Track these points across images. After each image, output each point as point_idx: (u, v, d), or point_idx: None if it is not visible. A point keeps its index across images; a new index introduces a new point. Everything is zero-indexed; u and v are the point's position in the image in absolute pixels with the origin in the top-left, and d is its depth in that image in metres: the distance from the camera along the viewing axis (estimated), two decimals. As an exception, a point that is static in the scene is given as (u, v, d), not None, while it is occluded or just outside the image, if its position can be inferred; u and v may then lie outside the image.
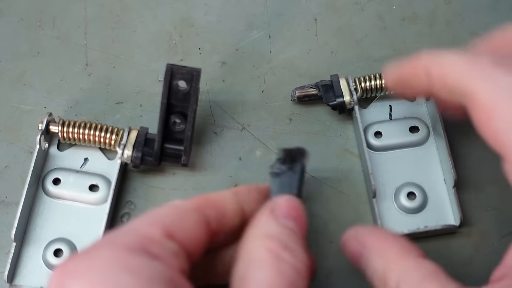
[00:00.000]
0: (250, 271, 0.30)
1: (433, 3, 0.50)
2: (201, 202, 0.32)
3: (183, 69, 0.39)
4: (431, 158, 0.43)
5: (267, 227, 0.32)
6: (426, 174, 0.42)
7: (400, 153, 0.43)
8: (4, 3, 0.50)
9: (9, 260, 0.39)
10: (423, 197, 0.41)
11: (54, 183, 0.42)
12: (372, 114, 0.45)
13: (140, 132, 0.42)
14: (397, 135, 0.43)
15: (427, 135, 0.43)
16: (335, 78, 0.44)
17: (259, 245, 0.31)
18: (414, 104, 0.45)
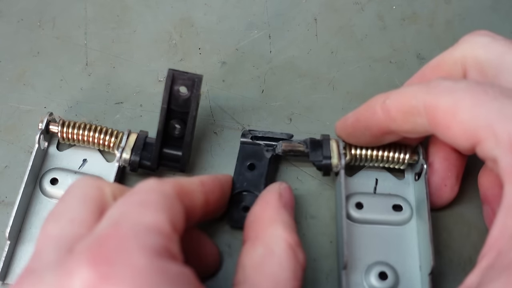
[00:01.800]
0: (267, 262, 0.31)
1: (433, 3, 0.50)
2: (179, 190, 0.32)
3: (185, 75, 0.39)
4: (410, 241, 0.40)
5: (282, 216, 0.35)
6: (402, 256, 0.40)
7: (378, 229, 0.41)
8: (4, 3, 0.50)
9: (3, 259, 0.39)
10: (394, 280, 0.39)
11: (51, 183, 0.42)
12: (356, 184, 0.42)
13: (139, 135, 0.42)
14: (378, 211, 0.41)
15: (409, 216, 0.41)
16: (326, 138, 0.42)
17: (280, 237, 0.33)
18: (401, 182, 0.42)
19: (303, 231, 0.41)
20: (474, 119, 0.32)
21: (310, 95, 0.47)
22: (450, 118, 0.33)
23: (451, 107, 0.33)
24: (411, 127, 0.35)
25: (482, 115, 0.31)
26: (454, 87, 0.33)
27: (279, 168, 0.44)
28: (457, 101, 0.32)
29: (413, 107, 0.34)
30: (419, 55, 0.48)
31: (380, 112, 0.36)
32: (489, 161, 0.32)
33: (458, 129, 0.32)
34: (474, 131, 0.32)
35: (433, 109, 0.33)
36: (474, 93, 0.32)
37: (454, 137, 0.33)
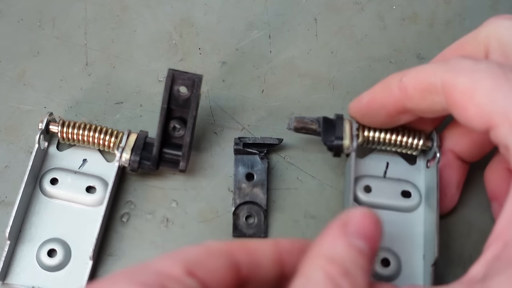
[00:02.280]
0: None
1: (433, 3, 0.50)
2: (235, 246, 0.31)
3: (185, 75, 0.39)
4: (416, 229, 0.40)
5: (333, 247, 0.30)
6: (407, 244, 0.39)
7: (385, 214, 0.40)
8: (4, 3, 0.50)
9: (2, 258, 0.39)
10: (397, 266, 0.38)
11: (51, 183, 0.42)
12: (366, 166, 0.42)
13: (139, 135, 0.42)
14: (387, 196, 0.40)
15: (417, 204, 0.40)
16: (340, 118, 0.41)
17: (319, 266, 0.29)
18: (413, 168, 0.42)
19: (303, 230, 0.42)
20: (491, 104, 0.31)
21: (310, 95, 0.47)
22: (467, 99, 0.32)
23: (469, 88, 0.32)
24: (428, 105, 0.35)
25: (499, 100, 0.31)
26: (474, 67, 0.32)
27: (279, 168, 0.44)
28: (475, 82, 0.32)
29: (431, 84, 0.34)
30: (419, 55, 0.48)
31: (397, 90, 0.36)
32: (501, 147, 0.32)
33: (474, 111, 0.32)
34: (490, 115, 0.31)
35: (451, 88, 0.33)
36: (494, 76, 0.32)
37: (470, 119, 0.33)
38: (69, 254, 0.41)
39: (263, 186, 0.42)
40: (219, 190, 0.43)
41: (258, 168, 0.43)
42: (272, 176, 0.44)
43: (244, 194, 0.42)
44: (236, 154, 0.43)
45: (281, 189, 0.43)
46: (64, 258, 0.41)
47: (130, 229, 0.42)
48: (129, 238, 0.42)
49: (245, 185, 0.43)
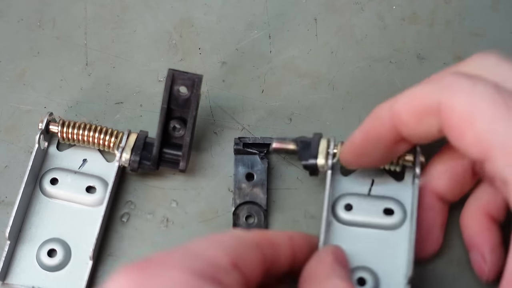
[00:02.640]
0: None
1: (433, 3, 0.50)
2: (261, 239, 0.31)
3: (185, 75, 0.39)
4: (399, 247, 0.38)
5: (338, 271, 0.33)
6: (386, 262, 0.38)
7: (366, 232, 0.39)
8: (4, 3, 0.50)
9: (2, 258, 0.40)
10: (373, 285, 0.37)
11: (51, 183, 0.42)
12: (350, 184, 0.41)
13: (139, 135, 0.42)
14: (368, 213, 0.39)
15: (401, 221, 0.39)
16: (317, 137, 0.41)
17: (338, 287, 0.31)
18: (400, 184, 0.41)
19: (303, 230, 0.41)
20: (491, 134, 0.30)
21: (310, 95, 0.47)
22: (466, 125, 0.31)
23: (467, 114, 0.31)
24: (425, 129, 0.34)
25: (500, 131, 0.30)
26: (472, 90, 0.31)
27: (279, 168, 0.44)
28: (474, 107, 0.31)
29: (427, 106, 0.33)
30: (419, 55, 0.48)
31: (388, 120, 0.35)
32: (498, 181, 0.31)
33: (472, 138, 0.31)
34: (489, 145, 0.30)
35: (449, 110, 0.32)
36: (493, 103, 0.31)
37: (467, 146, 0.32)
38: (69, 254, 0.41)
39: (263, 186, 0.42)
40: (219, 190, 0.43)
41: (258, 168, 0.43)
42: (272, 176, 0.44)
43: (244, 194, 0.42)
44: (236, 154, 0.43)
45: (281, 189, 0.43)
46: (64, 258, 0.41)
47: (130, 229, 0.42)
48: (129, 238, 0.42)
49: (245, 185, 0.43)
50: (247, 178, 0.43)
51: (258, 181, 0.43)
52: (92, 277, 0.41)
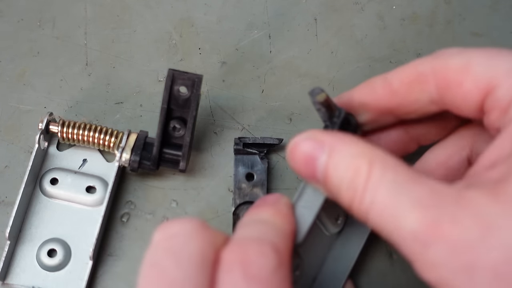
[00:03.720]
0: None
1: (433, 3, 0.50)
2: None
3: (185, 75, 0.39)
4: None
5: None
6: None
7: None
8: (4, 3, 0.50)
9: (2, 258, 0.40)
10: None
11: (51, 183, 0.42)
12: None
13: (139, 135, 0.42)
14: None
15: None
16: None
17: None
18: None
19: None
20: (490, 68, 0.30)
21: (310, 95, 0.47)
22: (462, 73, 0.31)
23: (463, 64, 0.31)
24: (415, 98, 0.34)
25: (499, 63, 0.30)
26: (464, 50, 0.32)
27: (279, 168, 0.44)
28: (469, 58, 0.31)
29: (420, 73, 0.33)
30: (419, 55, 0.48)
31: (381, 89, 0.35)
32: (496, 111, 0.31)
33: (470, 82, 0.31)
34: (489, 80, 0.30)
35: (443, 70, 0.32)
36: (487, 51, 0.31)
37: (465, 94, 0.32)
38: (69, 254, 0.41)
39: (263, 186, 0.42)
40: (219, 190, 0.43)
41: (258, 168, 0.43)
42: (272, 176, 0.44)
43: (244, 194, 0.42)
44: (236, 154, 0.43)
45: (281, 189, 0.43)
46: (64, 258, 0.41)
47: (130, 229, 0.42)
48: (129, 238, 0.42)
49: (245, 185, 0.43)
50: (247, 178, 0.43)
51: (258, 181, 0.43)
52: (92, 277, 0.41)
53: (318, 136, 0.32)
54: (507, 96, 0.30)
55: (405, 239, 0.27)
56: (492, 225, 0.25)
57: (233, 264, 0.27)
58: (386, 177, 0.28)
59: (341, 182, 0.30)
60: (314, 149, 0.31)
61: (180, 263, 0.27)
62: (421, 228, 0.27)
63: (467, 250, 0.26)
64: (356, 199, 0.29)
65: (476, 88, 0.31)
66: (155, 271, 0.28)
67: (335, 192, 0.30)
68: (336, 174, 0.30)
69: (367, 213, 0.29)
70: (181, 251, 0.28)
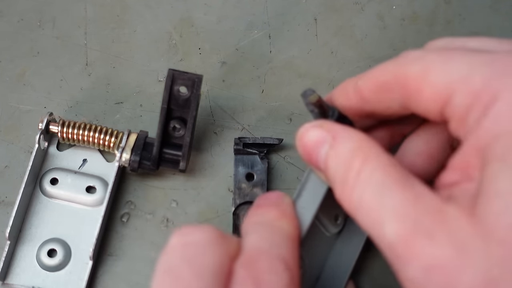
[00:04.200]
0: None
1: (433, 3, 0.50)
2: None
3: (185, 75, 0.39)
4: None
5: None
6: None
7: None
8: (4, 3, 0.50)
9: (2, 258, 0.40)
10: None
11: (51, 183, 0.42)
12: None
13: (139, 135, 0.42)
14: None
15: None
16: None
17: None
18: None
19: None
20: (446, 76, 0.30)
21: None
22: (421, 81, 0.31)
23: (421, 71, 0.31)
24: (386, 105, 0.34)
25: (453, 68, 0.30)
26: (423, 54, 0.32)
27: (279, 168, 0.44)
28: (427, 64, 0.31)
29: (384, 82, 0.33)
30: (419, 55, 0.48)
31: (353, 95, 0.35)
32: (454, 121, 0.30)
33: (429, 90, 0.31)
34: (446, 86, 0.30)
35: (404, 78, 0.32)
36: (443, 54, 0.31)
37: (427, 101, 0.31)
38: (69, 254, 0.41)
39: (263, 186, 0.42)
40: (219, 190, 0.43)
41: (258, 168, 0.43)
42: (272, 176, 0.44)
43: (244, 194, 0.42)
44: (236, 154, 0.43)
45: (281, 189, 0.43)
46: (64, 258, 0.41)
47: (130, 229, 0.42)
48: (129, 238, 0.42)
49: (245, 185, 0.43)
50: (247, 178, 0.43)
51: (258, 181, 0.43)
52: (92, 277, 0.41)
53: (326, 126, 0.32)
54: (463, 105, 0.29)
55: (386, 249, 0.28)
56: (466, 246, 0.25)
57: (245, 281, 0.27)
58: (375, 176, 0.28)
59: (335, 174, 0.30)
60: (319, 138, 0.32)
61: (197, 273, 0.27)
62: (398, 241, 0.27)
63: (442, 271, 0.25)
64: (346, 194, 0.29)
65: (434, 96, 0.31)
66: (170, 278, 0.27)
67: (331, 183, 0.31)
68: (333, 166, 0.30)
69: (356, 211, 0.29)
70: (198, 260, 0.28)
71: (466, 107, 0.29)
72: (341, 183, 0.30)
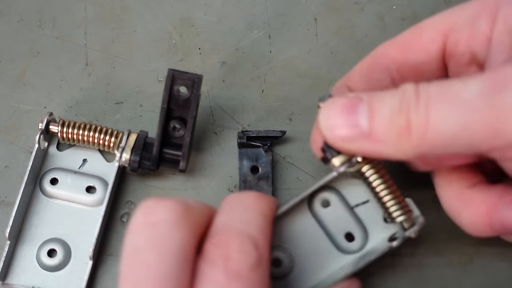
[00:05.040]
0: None
1: (433, 3, 0.50)
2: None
3: (185, 75, 0.39)
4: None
5: None
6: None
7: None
8: (4, 3, 0.50)
9: (2, 258, 0.40)
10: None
11: (51, 183, 0.42)
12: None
13: (139, 135, 0.42)
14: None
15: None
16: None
17: None
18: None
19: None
20: (443, 20, 0.31)
21: (310, 95, 0.47)
22: (418, 31, 0.32)
23: (416, 28, 0.33)
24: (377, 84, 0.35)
25: (449, 11, 0.31)
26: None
27: (279, 168, 0.44)
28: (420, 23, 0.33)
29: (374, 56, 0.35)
30: (419, 55, 0.48)
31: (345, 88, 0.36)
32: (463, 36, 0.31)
33: (428, 32, 0.32)
34: (445, 22, 0.31)
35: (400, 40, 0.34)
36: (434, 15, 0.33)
37: (425, 44, 0.32)
38: (69, 254, 0.41)
39: (268, 178, 0.43)
40: (219, 190, 0.43)
41: (262, 161, 0.43)
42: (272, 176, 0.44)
43: (249, 187, 0.42)
44: (240, 147, 0.43)
45: (281, 189, 0.43)
46: (64, 258, 0.41)
47: (130, 229, 0.42)
48: (129, 238, 0.42)
49: (251, 178, 0.43)
50: (252, 171, 0.43)
51: (263, 174, 0.43)
52: (92, 277, 0.41)
53: (351, 94, 0.31)
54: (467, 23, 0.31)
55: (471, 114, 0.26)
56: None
57: (214, 259, 0.28)
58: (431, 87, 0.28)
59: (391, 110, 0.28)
60: (353, 99, 0.30)
61: (163, 258, 0.27)
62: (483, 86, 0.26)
63: None
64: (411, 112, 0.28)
65: (435, 32, 0.32)
66: (137, 263, 0.28)
67: (382, 134, 0.29)
68: (382, 104, 0.29)
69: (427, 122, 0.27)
70: (164, 242, 0.28)
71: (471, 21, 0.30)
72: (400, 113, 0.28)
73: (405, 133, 0.28)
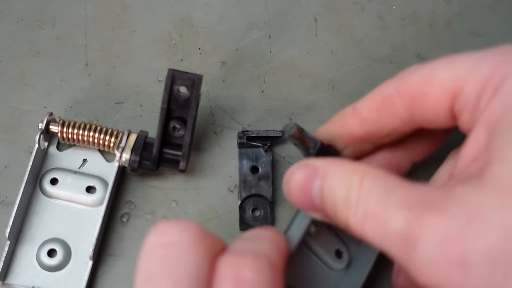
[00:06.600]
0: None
1: (433, 3, 0.50)
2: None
3: (185, 75, 0.39)
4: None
5: None
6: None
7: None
8: (4, 3, 0.50)
9: (2, 258, 0.40)
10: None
11: (51, 183, 0.42)
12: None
13: (139, 135, 0.42)
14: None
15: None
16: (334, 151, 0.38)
17: None
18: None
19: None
20: (453, 72, 0.31)
21: (310, 95, 0.47)
22: (426, 84, 0.32)
23: (426, 75, 0.32)
24: (385, 123, 0.34)
25: (462, 65, 0.31)
26: (424, 64, 0.32)
27: (279, 168, 0.44)
28: (430, 69, 0.32)
29: (385, 97, 0.34)
30: (419, 55, 0.48)
31: (351, 118, 0.36)
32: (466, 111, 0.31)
33: (436, 90, 0.31)
34: (454, 83, 0.31)
35: (407, 87, 0.33)
36: (446, 58, 0.32)
37: (433, 102, 0.32)
38: (69, 254, 0.41)
39: (268, 178, 0.43)
40: (219, 190, 0.43)
41: (262, 161, 0.43)
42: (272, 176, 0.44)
43: (249, 187, 0.42)
44: (240, 147, 0.43)
45: (281, 189, 0.43)
46: (64, 258, 0.41)
47: (130, 229, 0.42)
48: (129, 238, 0.42)
49: (251, 178, 0.43)
50: (252, 171, 0.43)
51: (263, 174, 0.43)
52: (92, 277, 0.41)
53: (311, 162, 0.32)
54: (474, 92, 0.30)
55: (393, 242, 0.27)
56: (478, 210, 0.25)
57: (227, 279, 0.27)
58: (376, 186, 0.28)
59: (336, 200, 0.30)
60: (308, 176, 0.31)
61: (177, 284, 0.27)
62: (407, 225, 0.26)
63: (455, 240, 0.25)
64: (351, 214, 0.29)
65: (443, 93, 0.31)
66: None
67: (332, 213, 0.30)
68: (331, 194, 0.30)
69: (362, 226, 0.29)
70: (178, 266, 0.27)
71: (478, 93, 0.30)
72: (343, 205, 0.29)
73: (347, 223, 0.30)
